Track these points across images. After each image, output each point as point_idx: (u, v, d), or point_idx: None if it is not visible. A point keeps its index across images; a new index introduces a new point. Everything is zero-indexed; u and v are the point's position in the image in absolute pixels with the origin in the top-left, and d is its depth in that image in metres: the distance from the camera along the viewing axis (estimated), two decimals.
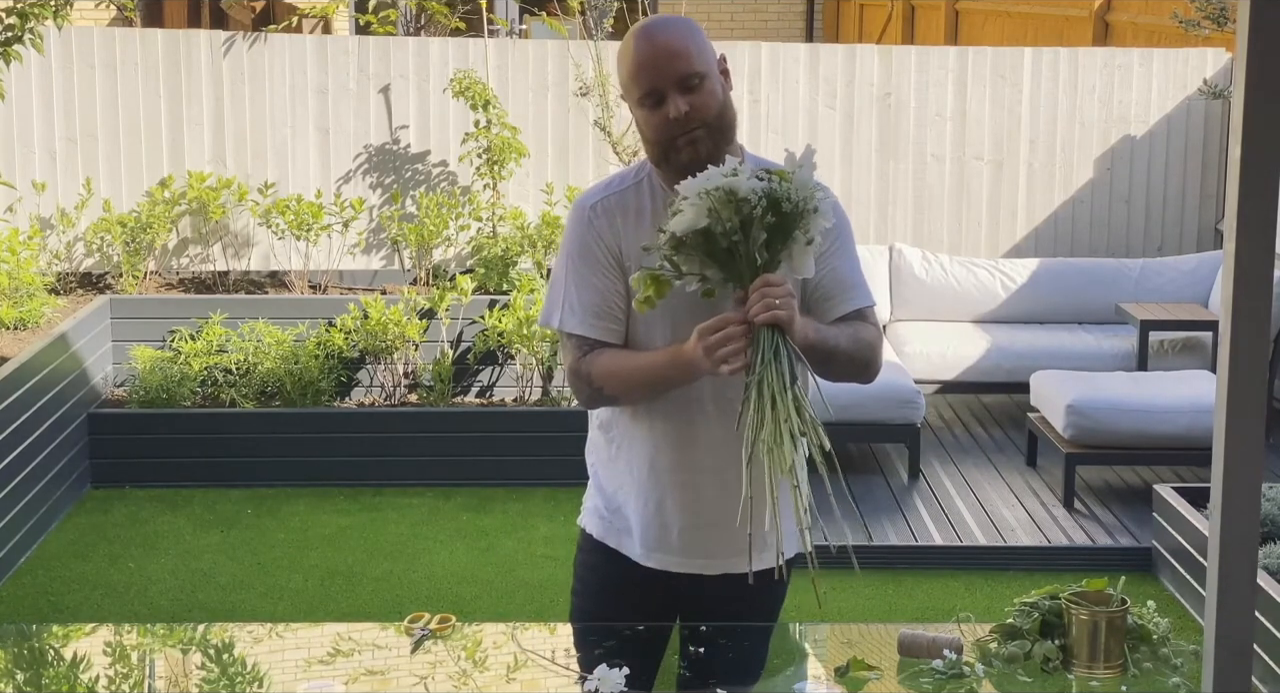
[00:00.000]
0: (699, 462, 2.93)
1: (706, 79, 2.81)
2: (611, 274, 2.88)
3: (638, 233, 2.87)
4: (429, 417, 7.20)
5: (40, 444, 6.38)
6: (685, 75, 2.79)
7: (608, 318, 2.89)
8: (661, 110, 2.80)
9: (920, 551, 6.14)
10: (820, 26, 17.35)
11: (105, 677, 2.95)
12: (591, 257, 2.89)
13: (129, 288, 8.15)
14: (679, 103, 2.78)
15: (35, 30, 6.35)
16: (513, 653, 3.00)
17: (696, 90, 2.79)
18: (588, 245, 2.89)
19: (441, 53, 8.70)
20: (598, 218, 2.90)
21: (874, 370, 3.01)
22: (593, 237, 2.89)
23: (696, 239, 2.64)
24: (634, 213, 2.89)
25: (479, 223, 8.36)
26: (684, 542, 2.98)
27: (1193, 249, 8.93)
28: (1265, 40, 2.11)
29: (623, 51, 2.86)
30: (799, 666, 3.08)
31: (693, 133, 2.79)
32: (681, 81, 2.79)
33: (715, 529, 2.96)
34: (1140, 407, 6.49)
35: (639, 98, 2.83)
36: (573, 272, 2.90)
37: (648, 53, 2.81)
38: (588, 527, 3.09)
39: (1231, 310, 2.16)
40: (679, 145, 2.81)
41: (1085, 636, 2.76)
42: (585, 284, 2.89)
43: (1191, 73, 8.90)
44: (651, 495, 2.97)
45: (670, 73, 2.79)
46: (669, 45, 2.80)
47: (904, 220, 8.96)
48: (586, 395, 2.91)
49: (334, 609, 5.70)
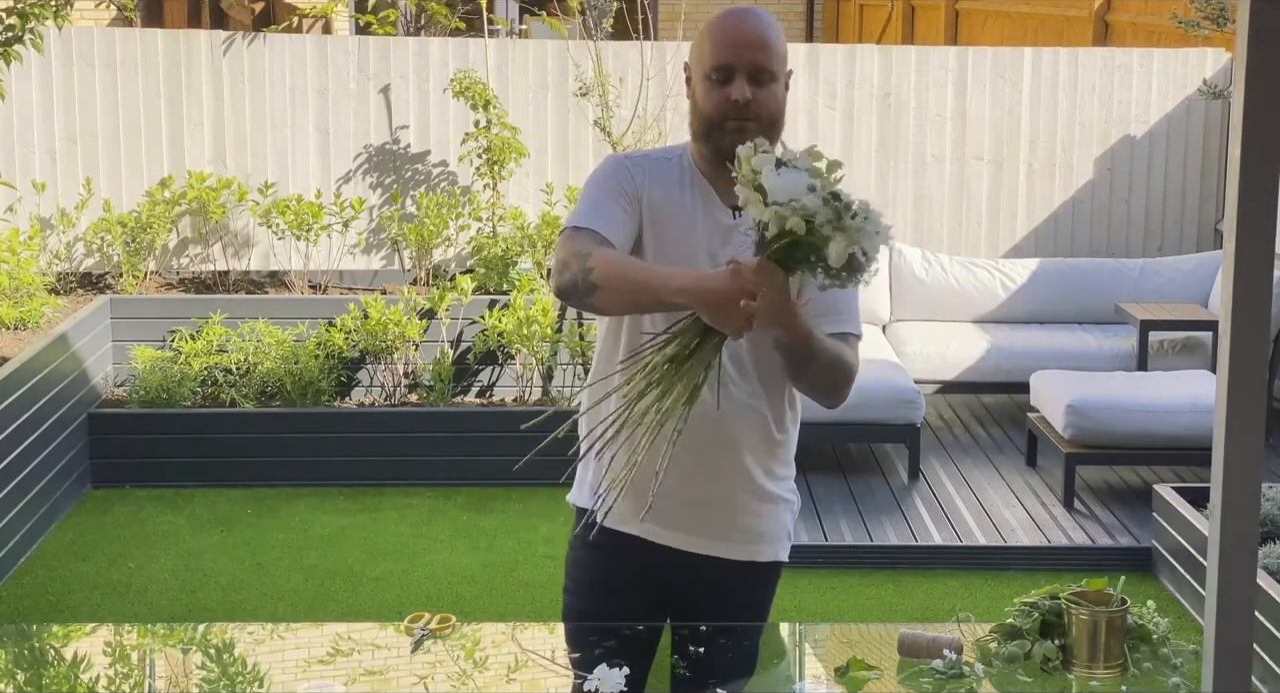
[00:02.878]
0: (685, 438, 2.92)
1: (775, 81, 2.88)
2: (629, 208, 2.90)
3: (663, 194, 2.92)
4: (429, 417, 7.19)
5: (40, 444, 6.38)
6: (761, 67, 2.85)
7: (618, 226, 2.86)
8: (725, 89, 2.85)
9: (920, 551, 6.14)
10: (820, 26, 17.35)
11: (105, 677, 2.95)
12: (615, 189, 2.92)
13: (129, 288, 8.15)
14: (745, 89, 2.84)
15: (35, 30, 6.35)
16: (513, 653, 3.00)
17: (764, 85, 2.86)
18: (612, 180, 2.93)
19: (441, 53, 8.70)
20: (630, 165, 2.96)
21: (842, 395, 2.94)
22: (622, 176, 2.93)
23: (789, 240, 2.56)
24: (662, 177, 2.94)
25: (479, 223, 8.37)
26: (665, 510, 2.94)
27: (1193, 249, 8.93)
28: (1265, 40, 2.11)
29: (709, 24, 2.92)
30: (799, 666, 3.07)
31: (745, 122, 2.84)
32: (755, 71, 2.85)
33: (696, 504, 2.98)
34: (1140, 407, 6.49)
35: (709, 69, 2.87)
36: (591, 192, 2.93)
37: (739, 32, 2.88)
38: (578, 501, 3.10)
39: (1231, 310, 2.16)
40: (727, 129, 2.86)
41: (1085, 636, 2.76)
42: (602, 201, 2.90)
43: (1191, 73, 8.90)
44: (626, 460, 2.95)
45: (750, 58, 2.85)
46: (761, 34, 2.88)
47: (904, 220, 8.96)
48: (569, 276, 2.76)
49: (334, 609, 5.70)
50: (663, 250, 2.91)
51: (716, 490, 2.99)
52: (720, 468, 2.98)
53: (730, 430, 2.96)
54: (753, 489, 3.01)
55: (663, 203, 2.91)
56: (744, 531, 3.03)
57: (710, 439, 2.94)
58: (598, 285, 2.73)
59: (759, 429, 2.99)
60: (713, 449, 2.96)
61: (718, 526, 3.01)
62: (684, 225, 2.91)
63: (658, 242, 2.92)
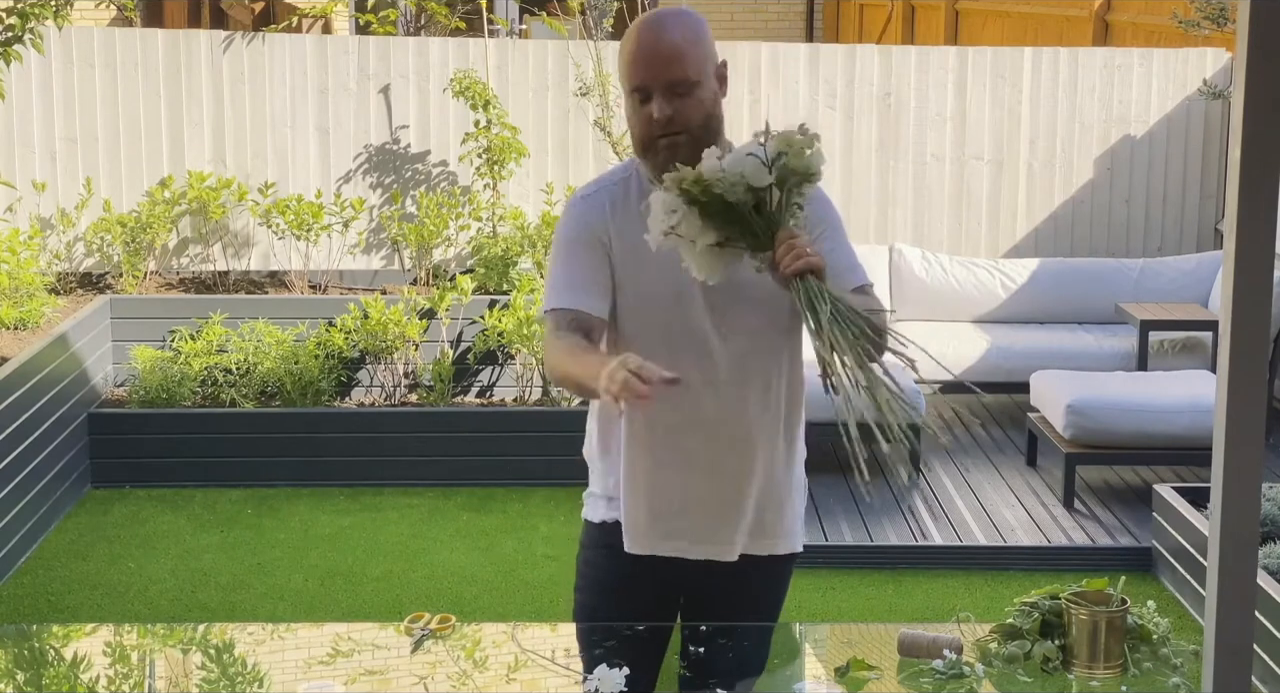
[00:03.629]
0: (694, 448, 2.94)
1: (698, 87, 2.81)
2: (595, 254, 2.90)
3: (625, 221, 2.89)
4: (429, 417, 7.20)
5: (40, 444, 6.38)
6: (676, 80, 2.79)
7: (589, 290, 2.88)
8: (646, 108, 2.81)
9: (920, 550, 6.13)
10: (820, 26, 17.35)
11: (105, 677, 2.95)
12: (577, 241, 2.92)
13: (129, 288, 8.15)
14: (663, 106, 2.79)
15: (35, 30, 6.35)
16: (513, 653, 3.00)
17: (685, 96, 2.79)
18: (574, 231, 2.93)
19: (441, 53, 8.70)
20: (587, 209, 2.93)
21: (884, 340, 2.82)
22: (581, 224, 2.92)
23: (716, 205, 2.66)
24: (621, 204, 2.92)
25: (479, 223, 8.37)
26: (673, 527, 2.97)
27: (1193, 249, 8.93)
28: (1265, 40, 2.11)
29: (625, 38, 2.86)
30: (799, 666, 3.07)
31: (674, 137, 2.80)
32: (671, 85, 2.79)
33: (706, 513, 2.97)
34: (1140, 407, 6.49)
35: (629, 90, 2.85)
36: (559, 257, 2.95)
37: (646, 49, 2.81)
38: (592, 517, 3.09)
39: (1231, 310, 2.16)
40: (658, 146, 2.83)
41: (1085, 636, 2.76)
42: (570, 263, 2.91)
43: (1191, 73, 8.90)
44: (644, 482, 2.97)
45: (662, 75, 2.79)
46: (668, 46, 2.80)
47: (904, 220, 8.96)
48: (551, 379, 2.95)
49: (334, 609, 5.70)
50: (644, 276, 2.89)
51: (734, 497, 2.98)
52: (736, 472, 2.97)
53: (741, 433, 2.95)
54: (770, 486, 3.01)
55: (630, 233, 2.88)
56: (763, 529, 3.03)
57: (724, 446, 2.95)
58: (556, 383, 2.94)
59: (769, 427, 2.98)
60: (727, 455, 2.96)
61: (737, 530, 3.00)
62: (654, 252, 2.84)
63: (636, 270, 2.90)
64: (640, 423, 2.94)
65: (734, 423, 2.94)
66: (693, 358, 2.88)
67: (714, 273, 2.72)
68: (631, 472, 2.98)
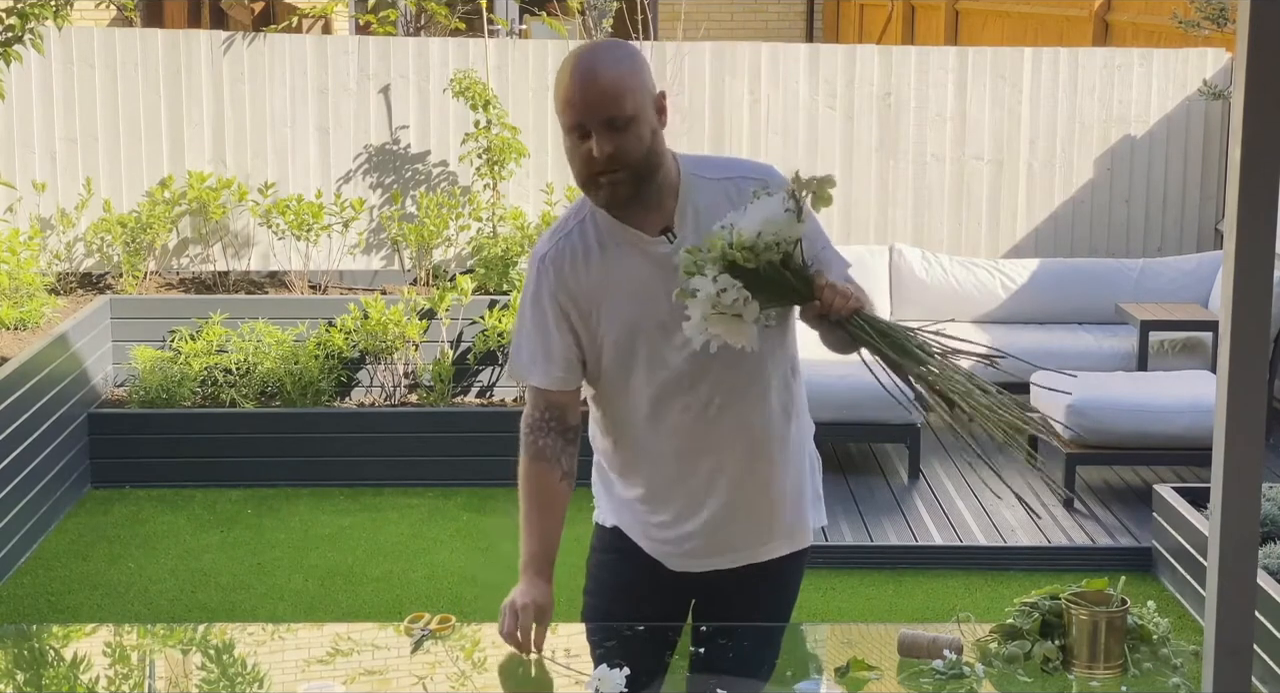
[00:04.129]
0: (707, 465, 2.95)
1: (635, 122, 2.75)
2: (562, 327, 2.91)
3: (587, 275, 2.88)
4: (429, 417, 7.19)
5: (40, 444, 6.38)
6: (613, 117, 2.73)
7: (561, 366, 2.93)
8: (585, 146, 2.76)
9: (920, 550, 6.13)
10: (820, 26, 17.35)
11: (105, 677, 2.95)
12: (542, 310, 2.92)
13: (129, 288, 8.15)
14: (603, 144, 2.74)
15: (35, 30, 6.35)
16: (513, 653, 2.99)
17: (622, 132, 2.74)
18: (540, 299, 2.93)
19: (441, 53, 8.70)
20: (547, 270, 2.91)
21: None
22: (546, 290, 2.91)
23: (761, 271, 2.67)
24: (581, 255, 2.89)
25: (479, 223, 8.36)
26: (700, 544, 3.00)
27: (1193, 249, 8.93)
28: (1265, 40, 2.11)
29: (559, 76, 2.80)
30: (799, 666, 3.07)
31: (614, 174, 2.76)
32: (609, 122, 2.74)
33: (733, 525, 2.99)
34: (1140, 407, 6.49)
35: (565, 128, 2.79)
36: (528, 322, 2.95)
37: (580, 87, 2.74)
38: (605, 522, 3.10)
39: (1231, 310, 2.16)
40: (599, 183, 2.79)
41: (1085, 636, 2.76)
42: (540, 334, 2.93)
43: (1191, 73, 8.89)
44: (668, 505, 2.99)
45: (598, 112, 2.73)
46: (603, 84, 2.74)
47: (904, 220, 8.96)
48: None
49: (334, 609, 5.70)
50: (623, 318, 2.88)
51: (746, 507, 2.99)
52: (747, 481, 2.98)
53: (747, 442, 2.96)
54: (779, 489, 3.02)
55: (598, 284, 2.87)
56: (775, 531, 3.04)
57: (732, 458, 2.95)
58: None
59: (773, 430, 2.99)
60: (739, 465, 2.96)
61: (750, 537, 3.02)
62: (630, 287, 2.87)
63: (613, 315, 2.89)
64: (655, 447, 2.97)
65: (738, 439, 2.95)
66: (680, 387, 2.90)
67: (755, 340, 2.70)
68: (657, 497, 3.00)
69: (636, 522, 3.06)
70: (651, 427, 2.94)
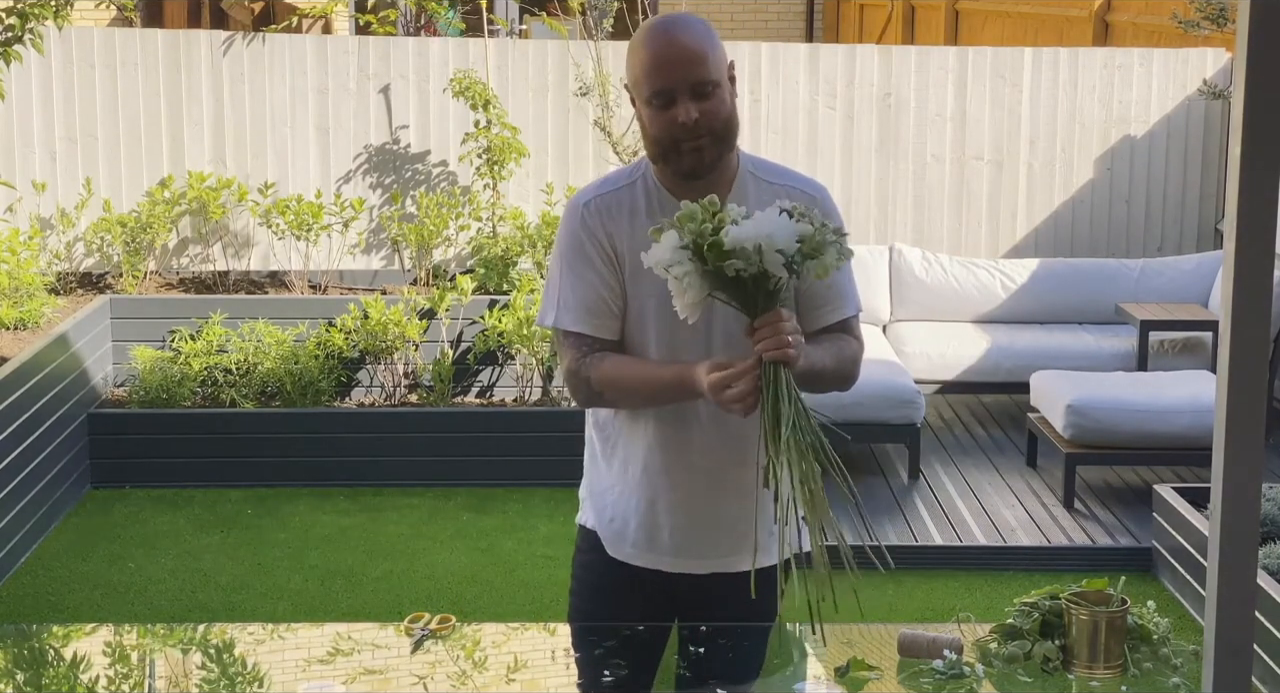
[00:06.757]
0: (692, 463, 2.93)
1: (719, 87, 2.77)
2: (606, 271, 2.85)
3: (632, 231, 2.84)
4: (429, 417, 7.19)
5: (40, 444, 6.38)
6: (701, 81, 2.74)
7: (604, 315, 2.86)
8: (670, 112, 2.75)
9: (920, 550, 6.13)
10: (820, 26, 17.36)
11: (105, 677, 2.95)
12: (585, 254, 2.86)
13: (129, 288, 8.15)
14: (690, 108, 2.73)
15: (35, 30, 6.35)
16: (513, 653, 2.99)
17: (709, 97, 2.75)
18: (581, 243, 2.86)
19: (441, 53, 8.70)
20: (591, 216, 2.86)
21: (852, 382, 2.96)
22: (586, 234, 2.86)
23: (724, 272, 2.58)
24: (628, 212, 2.86)
25: (479, 223, 8.37)
26: (675, 542, 2.98)
27: (1193, 249, 8.93)
28: (1265, 40, 2.11)
29: (635, 45, 2.80)
30: (799, 666, 3.07)
31: (699, 140, 2.75)
32: (696, 87, 2.74)
33: (707, 530, 2.96)
34: (1140, 407, 6.49)
35: (648, 96, 2.77)
36: (567, 270, 2.88)
37: (665, 52, 2.75)
38: (586, 523, 3.09)
39: (1231, 310, 2.16)
40: (683, 150, 2.77)
41: (1085, 636, 2.76)
42: (580, 281, 2.86)
43: (1191, 73, 8.90)
44: (644, 495, 2.96)
45: (686, 76, 2.74)
46: (689, 47, 2.75)
47: (904, 220, 8.96)
48: (584, 397, 2.89)
49: (334, 609, 5.70)
50: (645, 291, 2.84)
51: (728, 512, 2.96)
52: (731, 488, 2.94)
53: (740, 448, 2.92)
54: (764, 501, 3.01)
55: (634, 237, 2.83)
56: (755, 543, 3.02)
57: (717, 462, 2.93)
58: (613, 401, 2.88)
59: None
60: (722, 472, 2.94)
61: (732, 544, 2.97)
62: None
63: (636, 285, 2.85)
64: (640, 439, 2.93)
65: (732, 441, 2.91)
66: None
67: (694, 316, 2.64)
68: (635, 488, 2.97)
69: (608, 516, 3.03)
70: (646, 410, 2.92)
